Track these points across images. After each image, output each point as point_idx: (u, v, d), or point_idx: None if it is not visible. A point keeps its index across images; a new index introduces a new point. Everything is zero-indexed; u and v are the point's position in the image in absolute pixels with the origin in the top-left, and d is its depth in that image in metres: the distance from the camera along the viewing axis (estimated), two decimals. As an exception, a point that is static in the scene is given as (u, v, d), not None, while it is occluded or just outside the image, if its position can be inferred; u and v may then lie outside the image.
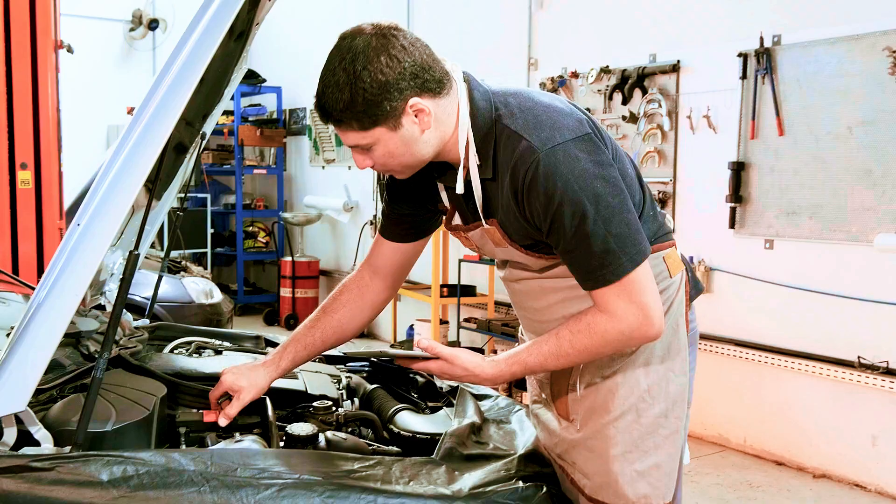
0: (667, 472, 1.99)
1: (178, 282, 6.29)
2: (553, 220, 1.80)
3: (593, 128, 1.87)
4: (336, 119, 1.81)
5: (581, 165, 1.77)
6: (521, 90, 1.92)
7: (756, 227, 5.19)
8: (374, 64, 1.74)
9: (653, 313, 1.83)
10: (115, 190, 1.66)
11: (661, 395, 1.98)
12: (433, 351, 1.98)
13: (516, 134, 1.81)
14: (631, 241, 1.80)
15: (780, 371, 5.11)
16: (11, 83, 4.45)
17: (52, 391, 2.08)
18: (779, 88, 4.97)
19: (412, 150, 1.87)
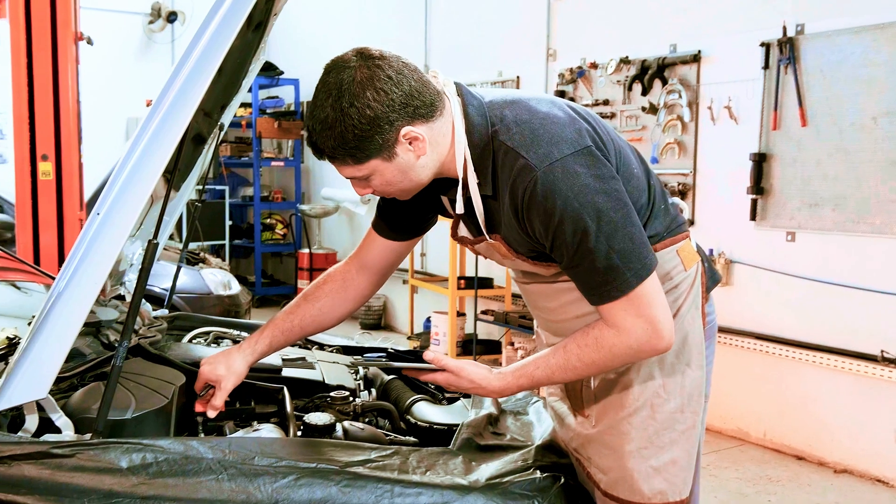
0: (683, 467, 1.97)
1: (196, 273, 6.33)
2: (555, 237, 1.78)
3: (594, 136, 1.83)
4: (329, 156, 1.80)
5: (581, 181, 1.73)
6: (519, 98, 1.88)
7: (777, 219, 5.14)
8: (361, 100, 1.71)
9: (662, 327, 1.80)
10: (133, 180, 1.67)
11: (676, 389, 1.95)
12: (439, 363, 1.98)
13: (513, 151, 1.77)
14: (635, 256, 1.77)
15: (800, 365, 5.07)
16: (32, 75, 4.50)
17: (73, 379, 2.10)
18: (802, 78, 4.91)
19: (409, 177, 1.85)
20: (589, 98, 6.30)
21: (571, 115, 1.85)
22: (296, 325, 2.23)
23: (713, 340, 2.11)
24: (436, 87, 1.83)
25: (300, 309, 2.23)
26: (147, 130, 1.69)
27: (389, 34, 8.70)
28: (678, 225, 2.01)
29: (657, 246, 1.93)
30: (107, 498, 1.58)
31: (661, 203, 1.99)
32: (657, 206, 1.97)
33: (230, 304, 6.35)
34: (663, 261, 1.93)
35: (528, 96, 1.89)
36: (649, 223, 1.94)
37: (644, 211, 1.93)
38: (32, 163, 4.52)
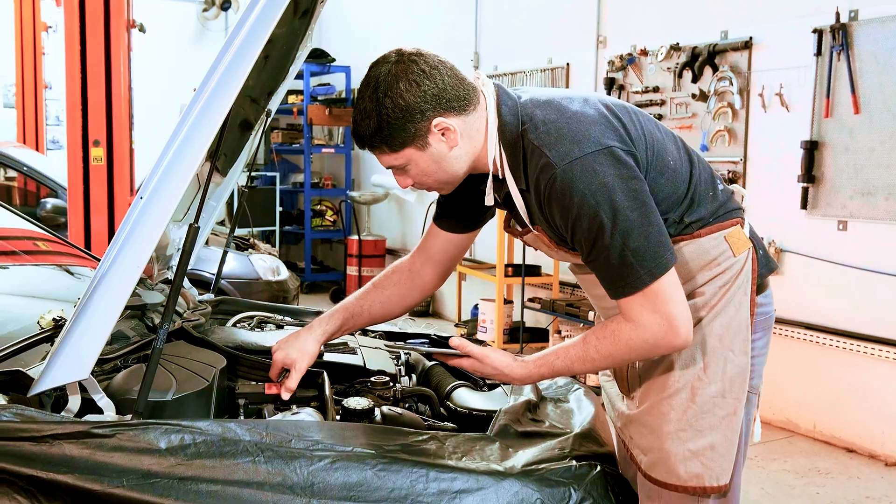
0: (722, 453, 1.97)
1: (245, 259, 6.40)
2: (573, 232, 1.85)
3: (622, 133, 1.89)
4: (369, 144, 1.92)
5: (598, 179, 1.80)
6: (552, 98, 1.94)
7: (829, 208, 5.06)
8: (394, 90, 1.84)
9: (678, 323, 1.84)
10: (175, 165, 1.70)
11: (717, 374, 1.96)
12: (464, 349, 2.05)
13: (538, 148, 1.85)
14: (650, 255, 1.81)
15: (852, 355, 4.99)
16: (86, 63, 4.59)
17: (116, 361, 2.14)
18: (855, 65, 4.82)
19: (444, 167, 1.94)
20: (639, 85, 6.25)
21: (603, 112, 1.92)
22: (364, 310, 2.31)
23: (768, 332, 2.11)
24: (472, 84, 1.94)
25: (370, 295, 2.32)
26: (190, 116, 1.72)
27: (439, 21, 8.70)
28: (728, 211, 2.02)
29: (701, 231, 1.96)
30: (145, 478, 1.61)
31: (709, 190, 2.01)
32: (702, 193, 1.99)
33: (278, 290, 6.42)
34: (709, 246, 1.96)
35: (563, 95, 1.95)
36: (692, 209, 1.97)
37: (682, 199, 1.96)
38: (85, 148, 4.62)
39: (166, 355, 2.11)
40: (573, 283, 7.03)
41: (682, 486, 1.96)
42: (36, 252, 2.91)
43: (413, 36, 9.01)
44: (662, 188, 1.93)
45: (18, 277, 2.73)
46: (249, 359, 2.36)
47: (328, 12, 10.60)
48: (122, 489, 1.59)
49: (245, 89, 2.72)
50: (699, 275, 1.97)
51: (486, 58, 8.10)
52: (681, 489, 1.97)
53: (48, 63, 8.73)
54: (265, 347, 2.49)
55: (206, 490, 1.64)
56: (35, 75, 8.53)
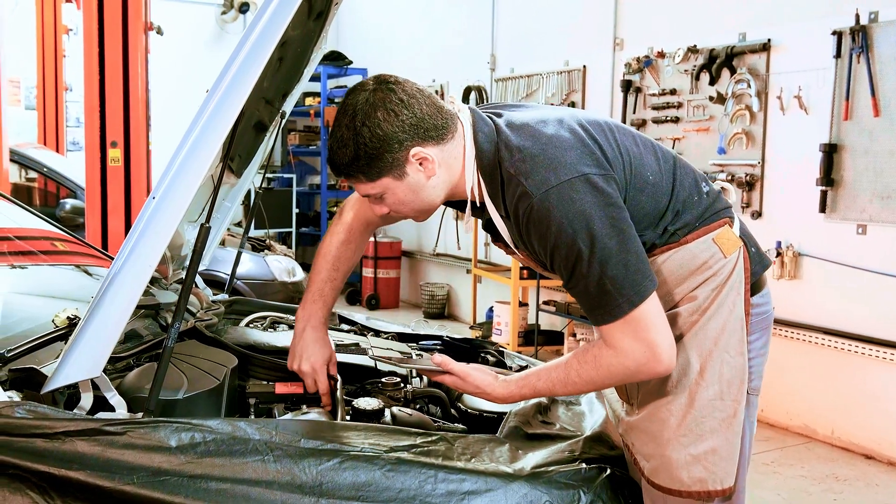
0: (724, 456, 1.96)
1: (261, 260, 6.42)
2: (551, 260, 1.85)
3: (599, 156, 1.88)
4: (345, 173, 1.90)
5: (576, 207, 1.79)
6: (527, 122, 1.93)
7: (848, 212, 5.02)
8: (372, 119, 1.82)
9: (660, 350, 1.84)
10: (187, 165, 1.71)
11: (714, 376, 1.95)
12: (445, 367, 2.05)
13: (515, 177, 1.84)
14: (629, 283, 1.80)
15: (871, 361, 4.95)
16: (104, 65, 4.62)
17: (129, 360, 2.16)
18: (875, 67, 4.79)
19: (421, 197, 1.94)
20: (656, 88, 6.24)
21: (579, 134, 1.90)
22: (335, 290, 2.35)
23: (766, 332, 2.09)
24: (450, 112, 1.92)
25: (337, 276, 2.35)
26: (202, 117, 1.74)
27: (456, 24, 8.70)
28: (715, 212, 2.01)
29: (689, 237, 1.96)
30: (155, 475, 1.62)
31: (693, 195, 2.01)
32: (686, 201, 1.99)
33: (294, 291, 6.43)
34: (698, 250, 1.95)
35: (538, 118, 1.94)
36: (679, 216, 1.97)
37: (665, 211, 1.96)
38: (102, 149, 4.66)
39: (178, 354, 2.13)
40: (589, 285, 6.99)
41: (686, 492, 1.95)
42: (53, 252, 2.93)
43: (430, 38, 9.02)
44: (643, 205, 1.93)
45: (36, 277, 2.76)
46: (261, 358, 2.37)
47: (345, 15, 10.62)
48: (132, 486, 1.60)
49: (260, 91, 2.75)
50: (690, 279, 1.96)
51: (502, 60, 8.10)
52: (685, 494, 1.96)
53: (69, 65, 8.80)
54: (277, 347, 2.50)
55: (216, 488, 1.65)
56: (56, 77, 8.61)
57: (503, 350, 2.98)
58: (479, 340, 2.99)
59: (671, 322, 1.93)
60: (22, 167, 6.97)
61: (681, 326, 1.95)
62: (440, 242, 8.97)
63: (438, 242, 8.97)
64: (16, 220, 2.96)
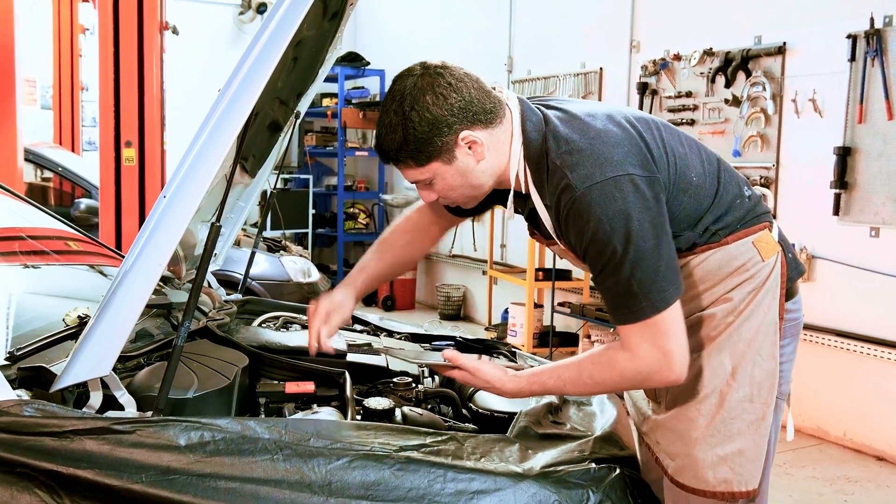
0: (751, 458, 1.96)
1: (276, 260, 6.44)
2: (585, 253, 1.85)
3: (645, 154, 1.87)
4: (394, 159, 1.90)
5: (616, 206, 1.78)
6: (577, 114, 1.92)
7: (862, 215, 5.00)
8: (420, 103, 1.82)
9: (674, 360, 1.83)
10: (198, 164, 1.72)
11: (745, 378, 1.95)
12: (455, 361, 2.05)
13: (560, 169, 1.83)
14: (656, 288, 1.80)
15: (883, 363, 4.94)
16: (119, 64, 4.63)
17: (140, 359, 2.17)
18: (889, 71, 4.77)
19: (470, 181, 1.93)
20: (671, 90, 6.22)
21: (628, 130, 1.90)
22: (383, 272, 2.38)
23: (796, 338, 2.10)
24: (497, 97, 1.91)
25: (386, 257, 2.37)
26: (213, 117, 1.75)
27: (473, 25, 8.71)
28: (756, 216, 2.01)
29: (729, 238, 1.95)
30: (164, 474, 1.63)
31: (736, 197, 2.00)
32: (729, 202, 1.98)
33: (309, 292, 6.44)
34: (737, 252, 1.95)
35: (588, 111, 1.94)
36: (721, 217, 1.96)
37: (706, 213, 1.95)
38: (117, 149, 4.67)
39: (189, 353, 2.14)
40: (604, 288, 6.99)
41: (711, 492, 1.96)
42: (67, 252, 2.95)
43: (447, 40, 9.03)
44: (685, 206, 1.93)
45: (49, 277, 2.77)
46: (272, 358, 2.38)
47: (363, 16, 10.64)
48: (140, 485, 1.61)
49: (274, 91, 2.77)
50: (727, 280, 1.96)
51: (519, 62, 8.10)
52: (709, 494, 1.96)
53: (85, 65, 8.81)
54: (289, 347, 2.51)
55: (225, 487, 1.65)
56: (72, 77, 8.62)
57: (515, 351, 2.98)
58: (491, 341, 3.00)
59: (706, 322, 1.96)
60: (37, 167, 7.00)
61: (716, 327, 1.96)
62: (456, 244, 8.97)
63: (454, 244, 8.97)
64: (29, 219, 2.98)
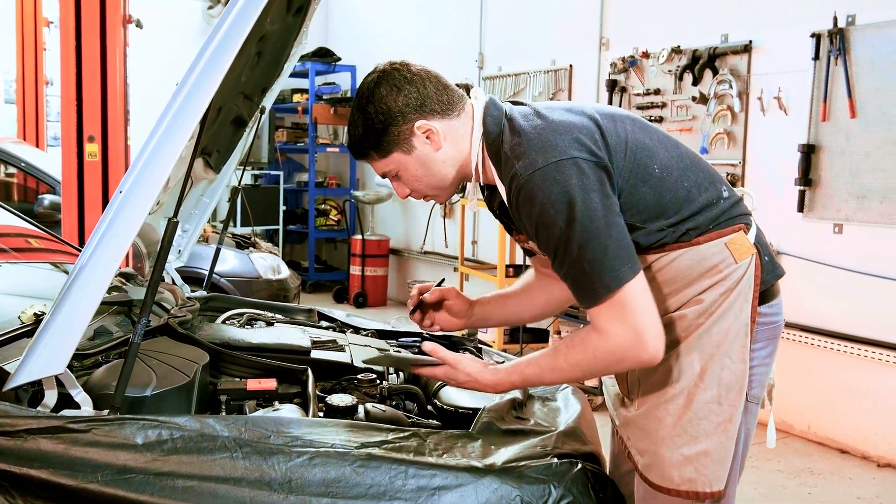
0: (716, 460, 1.96)
1: (245, 257, 6.40)
2: (537, 238, 1.89)
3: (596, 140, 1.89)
4: (358, 151, 2.00)
5: (559, 188, 1.80)
6: (542, 108, 1.97)
7: (825, 211, 5.07)
8: (375, 96, 1.93)
9: (647, 337, 1.82)
10: (154, 159, 1.71)
11: (713, 380, 1.95)
12: (437, 355, 2.05)
13: (510, 160, 1.88)
14: (607, 267, 1.80)
15: (847, 358, 5.00)
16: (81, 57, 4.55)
17: (98, 357, 2.14)
18: (852, 70, 4.83)
19: (432, 171, 1.99)
20: (640, 87, 6.26)
21: (582, 119, 1.93)
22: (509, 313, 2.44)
23: (773, 342, 2.10)
24: (457, 92, 2.00)
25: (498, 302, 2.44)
26: (169, 111, 1.73)
27: (445, 22, 8.71)
28: (731, 217, 2.00)
29: (700, 238, 1.94)
30: (120, 473, 1.61)
31: (713, 198, 1.99)
32: (704, 202, 1.98)
33: (279, 289, 6.41)
34: (709, 253, 1.94)
35: (552, 106, 1.99)
36: (691, 217, 1.95)
37: (671, 207, 1.94)
38: (79, 144, 4.58)
39: (148, 351, 2.11)
40: (573, 284, 7.01)
41: (675, 490, 1.97)
42: (27, 250, 2.91)
43: (418, 36, 9.02)
44: (644, 196, 1.92)
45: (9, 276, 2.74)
46: (233, 355, 2.36)
47: (334, 11, 10.61)
48: (96, 484, 1.59)
49: (238, 86, 2.75)
50: (699, 282, 1.95)
51: (490, 59, 8.11)
52: (674, 493, 1.97)
53: (49, 59, 8.65)
54: (252, 344, 2.50)
55: (183, 486, 1.64)
56: (36, 71, 8.46)
57: (481, 347, 2.99)
58: (456, 338, 2.99)
59: (677, 323, 1.95)
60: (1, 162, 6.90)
61: (686, 328, 1.95)
62: (428, 240, 8.97)
63: (426, 240, 8.96)
64: (-11, 217, 2.94)
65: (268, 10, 2.37)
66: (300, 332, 2.76)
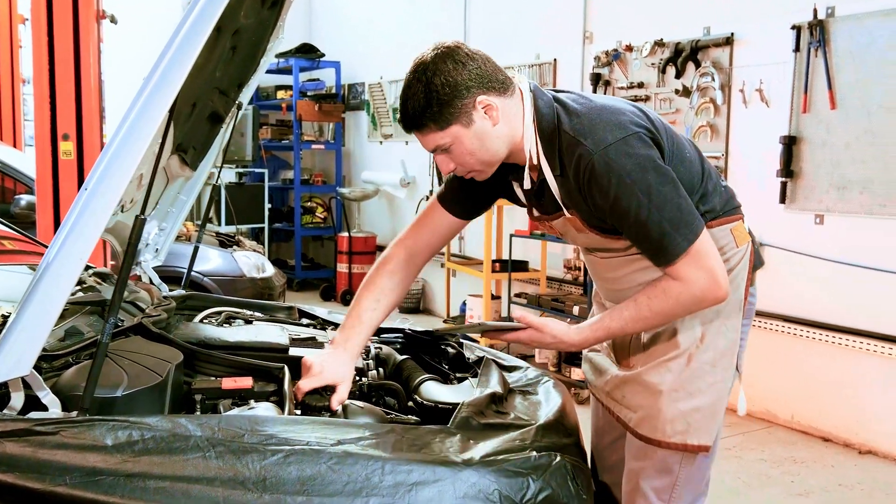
0: (706, 416, 2.19)
1: (229, 256, 6.35)
2: (612, 210, 2.02)
3: (645, 122, 2.06)
4: (416, 124, 2.06)
5: (632, 161, 1.97)
6: (583, 94, 2.14)
7: (807, 202, 5.10)
8: (441, 69, 2.00)
9: (719, 276, 2.04)
10: (120, 155, 1.68)
11: (711, 344, 2.19)
12: (525, 320, 2.17)
13: (574, 139, 2.02)
14: (684, 223, 2.00)
15: (829, 347, 5.04)
16: (53, 54, 4.47)
17: (68, 358, 2.11)
18: (832, 61, 4.86)
19: (486, 146, 2.08)
20: (624, 81, 6.26)
21: (628, 104, 2.13)
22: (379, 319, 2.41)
23: (750, 322, 2.33)
24: (507, 74, 2.11)
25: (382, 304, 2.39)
26: (135, 106, 1.70)
27: (429, 16, 8.68)
28: (733, 207, 2.24)
29: (713, 223, 2.16)
30: (90, 475, 1.58)
31: (717, 185, 2.23)
32: (713, 185, 2.20)
33: (263, 287, 6.36)
34: (718, 236, 2.16)
35: (588, 94, 2.17)
36: (707, 199, 2.17)
37: (697, 189, 2.15)
38: (53, 142, 4.51)
39: (121, 351, 2.08)
40: (560, 278, 7.03)
41: (666, 443, 2.18)
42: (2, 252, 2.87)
43: (402, 31, 9.00)
44: (682, 176, 2.08)
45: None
46: (207, 354, 2.33)
47: (317, 6, 10.57)
48: (64, 487, 1.56)
49: (213, 81, 2.72)
50: None
51: (473, 53, 8.08)
52: (664, 445, 2.19)
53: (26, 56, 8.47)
54: (229, 343, 2.47)
55: (154, 487, 1.61)
56: (12, 69, 8.27)
57: (463, 342, 2.97)
58: (439, 332, 2.97)
59: None
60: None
61: None
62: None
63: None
64: (-38, 219, 2.90)
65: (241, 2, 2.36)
66: (279, 329, 2.73)
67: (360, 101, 9.94)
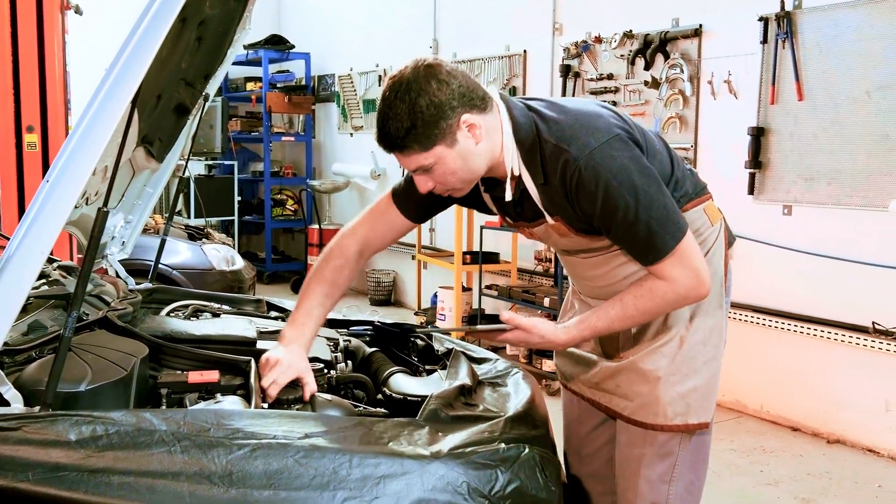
0: (703, 394, 2.25)
1: (198, 249, 6.31)
2: (601, 213, 2.03)
3: (622, 123, 2.09)
4: (398, 145, 2.00)
5: (617, 163, 1.99)
6: (552, 100, 2.14)
7: (775, 193, 5.13)
8: (426, 90, 1.95)
9: (703, 275, 2.08)
10: (81, 146, 1.66)
11: (700, 324, 2.24)
12: (513, 322, 2.18)
13: (557, 146, 2.02)
14: (671, 222, 2.03)
15: (797, 337, 5.08)
16: (17, 45, 4.39)
17: (31, 352, 2.08)
18: (799, 53, 4.89)
19: (469, 165, 2.06)
20: (593, 72, 6.26)
21: (600, 106, 2.14)
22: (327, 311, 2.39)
23: (729, 296, 2.39)
24: (483, 89, 2.08)
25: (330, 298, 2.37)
26: (97, 98, 1.68)
27: (400, 9, 8.65)
28: (702, 188, 2.29)
29: (687, 206, 2.21)
30: (53, 471, 1.56)
31: (686, 170, 2.28)
32: (681, 172, 2.24)
33: (233, 280, 6.33)
34: (693, 218, 2.20)
35: (557, 99, 2.17)
36: (679, 185, 2.20)
37: (670, 179, 2.17)
38: (17, 134, 4.45)
39: (85, 345, 2.06)
40: (530, 269, 7.04)
41: (668, 426, 2.23)
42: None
43: (373, 23, 8.95)
44: (657, 169, 2.10)
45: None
46: (173, 347, 2.31)
47: (287, -1, 10.51)
48: (27, 483, 1.53)
49: (178, 72, 2.69)
50: None
51: (444, 45, 8.07)
52: (666, 429, 2.23)
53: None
54: (196, 336, 2.45)
55: (119, 482, 1.59)
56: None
57: (431, 334, 2.96)
58: (408, 325, 2.96)
59: None
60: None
61: None
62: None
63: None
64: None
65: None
66: (246, 322, 2.71)
67: (330, 93, 9.90)
